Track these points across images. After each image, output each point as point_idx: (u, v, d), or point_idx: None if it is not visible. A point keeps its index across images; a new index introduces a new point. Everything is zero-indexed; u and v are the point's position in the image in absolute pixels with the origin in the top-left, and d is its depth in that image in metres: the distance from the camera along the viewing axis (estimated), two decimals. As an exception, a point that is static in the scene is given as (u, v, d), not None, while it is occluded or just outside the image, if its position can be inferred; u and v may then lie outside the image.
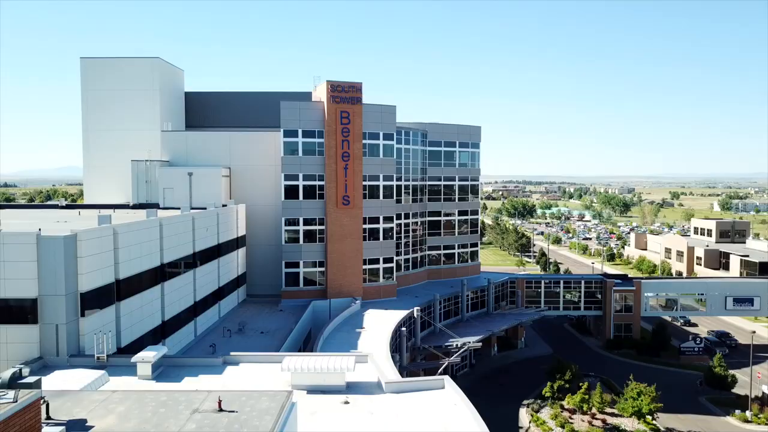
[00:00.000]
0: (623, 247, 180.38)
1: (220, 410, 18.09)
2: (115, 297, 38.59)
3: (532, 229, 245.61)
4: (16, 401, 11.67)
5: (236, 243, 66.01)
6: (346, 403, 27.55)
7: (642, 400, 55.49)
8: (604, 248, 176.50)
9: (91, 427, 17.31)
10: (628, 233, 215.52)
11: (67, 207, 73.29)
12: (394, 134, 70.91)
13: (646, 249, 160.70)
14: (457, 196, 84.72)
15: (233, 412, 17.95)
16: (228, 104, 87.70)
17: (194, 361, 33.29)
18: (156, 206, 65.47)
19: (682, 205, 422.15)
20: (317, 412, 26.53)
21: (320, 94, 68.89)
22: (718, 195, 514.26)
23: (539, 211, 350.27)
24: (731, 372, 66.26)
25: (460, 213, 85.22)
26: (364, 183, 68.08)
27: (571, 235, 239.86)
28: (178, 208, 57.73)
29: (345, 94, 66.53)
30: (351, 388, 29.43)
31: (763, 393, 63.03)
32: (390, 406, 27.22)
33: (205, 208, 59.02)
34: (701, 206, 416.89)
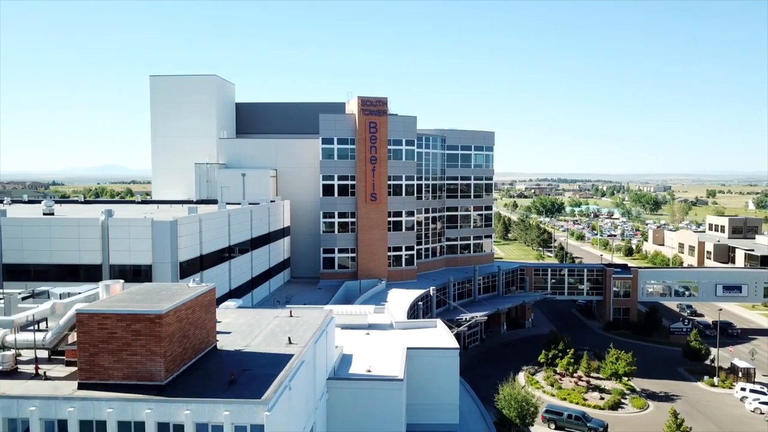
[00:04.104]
0: (643, 243, 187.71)
1: (291, 316, 30.79)
2: (200, 267, 52.19)
3: (559, 226, 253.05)
4: (206, 285, 24.28)
5: (282, 232, 79.48)
6: (368, 334, 40.18)
7: (619, 364, 66.36)
8: (622, 242, 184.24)
9: (220, 321, 30.22)
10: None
11: (143, 202, 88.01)
12: (415, 140, 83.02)
13: (663, 244, 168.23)
14: (472, 194, 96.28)
15: (298, 317, 30.62)
16: (272, 113, 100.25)
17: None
18: (215, 202, 78.80)
19: (716, 204, 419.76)
20: (348, 339, 39.19)
21: (352, 108, 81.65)
22: (757, 193, 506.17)
23: (568, 209, 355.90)
24: (705, 345, 75.98)
25: (476, 208, 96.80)
26: (389, 182, 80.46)
27: (596, 232, 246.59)
28: (238, 204, 71.24)
29: (373, 107, 79.10)
30: (371, 326, 42.08)
31: (732, 364, 72.75)
32: (397, 336, 39.71)
33: (257, 204, 72.30)
34: (736, 204, 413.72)
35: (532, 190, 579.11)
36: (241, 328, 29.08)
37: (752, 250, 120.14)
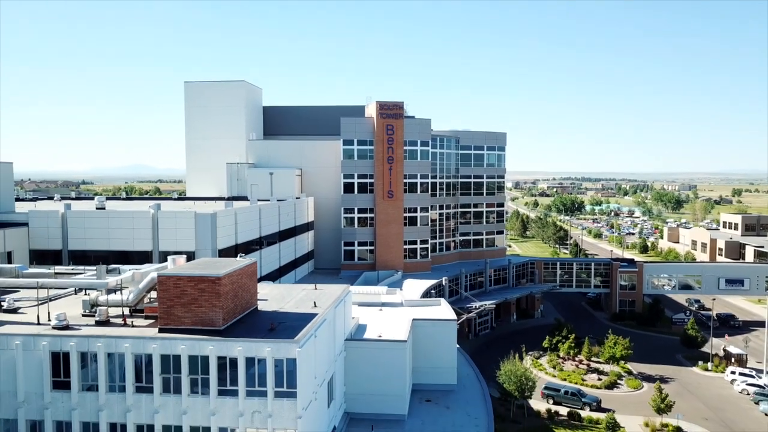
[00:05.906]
0: (659, 241, 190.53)
1: (316, 289, 37.50)
2: (235, 255, 59.18)
3: (579, 224, 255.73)
4: (250, 259, 30.99)
5: (307, 227, 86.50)
6: (380, 310, 46.76)
7: (617, 348, 71.68)
8: (639, 239, 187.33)
9: (257, 292, 37.04)
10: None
11: (179, 199, 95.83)
12: (429, 141, 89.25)
13: (677, 242, 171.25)
14: (485, 191, 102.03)
15: (322, 290, 37.31)
16: (297, 116, 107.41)
17: (288, 292, 53.08)
18: (245, 199, 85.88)
19: (741, 202, 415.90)
20: (364, 313, 45.81)
21: (371, 111, 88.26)
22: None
23: (588, 208, 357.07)
24: (701, 334, 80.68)
25: (488, 205, 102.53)
26: (405, 180, 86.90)
27: (614, 230, 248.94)
28: (267, 200, 78.31)
29: (390, 111, 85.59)
30: (384, 304, 48.73)
31: (726, 350, 77.39)
32: (406, 311, 46.21)
33: (284, 200, 79.29)
34: (762, 203, 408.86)
35: (554, 189, 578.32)
36: (275, 297, 35.96)
37: (762, 247, 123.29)
